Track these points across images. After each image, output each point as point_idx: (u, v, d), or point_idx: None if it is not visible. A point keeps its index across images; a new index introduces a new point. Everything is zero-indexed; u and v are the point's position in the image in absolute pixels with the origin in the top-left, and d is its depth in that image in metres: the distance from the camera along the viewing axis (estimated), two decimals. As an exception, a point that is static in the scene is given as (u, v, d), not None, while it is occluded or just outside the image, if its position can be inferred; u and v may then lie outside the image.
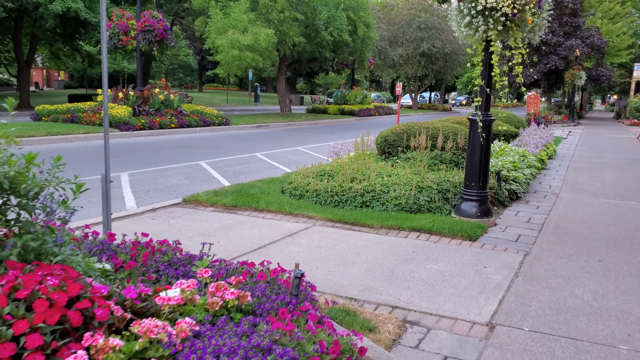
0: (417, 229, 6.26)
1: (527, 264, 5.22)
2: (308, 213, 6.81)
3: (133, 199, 8.04)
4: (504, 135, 11.93)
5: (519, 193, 8.63)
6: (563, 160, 13.87)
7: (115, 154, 12.82)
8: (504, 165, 8.81)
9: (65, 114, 17.35)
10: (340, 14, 27.29)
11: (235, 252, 5.29)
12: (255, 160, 12.80)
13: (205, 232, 5.99)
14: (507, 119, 14.90)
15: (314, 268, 4.88)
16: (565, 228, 6.78)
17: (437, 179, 7.67)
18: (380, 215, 6.72)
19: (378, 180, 7.51)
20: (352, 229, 6.38)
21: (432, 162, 8.58)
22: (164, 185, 9.22)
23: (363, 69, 34.43)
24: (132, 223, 6.33)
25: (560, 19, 34.56)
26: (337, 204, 7.18)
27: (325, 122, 27.75)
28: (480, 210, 6.71)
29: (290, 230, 6.18)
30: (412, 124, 9.55)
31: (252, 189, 8.02)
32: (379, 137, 9.64)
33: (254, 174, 10.75)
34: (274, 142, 17.37)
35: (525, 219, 7.26)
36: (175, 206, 7.30)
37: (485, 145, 6.61)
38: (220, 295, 2.76)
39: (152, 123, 17.23)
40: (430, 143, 8.97)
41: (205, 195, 7.57)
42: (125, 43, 18.38)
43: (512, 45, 5.92)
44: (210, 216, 6.78)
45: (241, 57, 21.70)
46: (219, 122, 20.43)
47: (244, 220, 6.60)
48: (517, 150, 10.63)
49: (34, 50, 30.61)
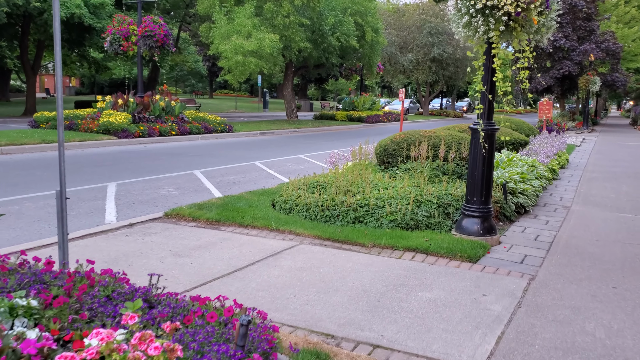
0: (413, 249, 5.72)
1: (532, 291, 4.66)
2: (296, 229, 6.30)
3: (114, 213, 7.57)
4: (512, 144, 11.35)
5: (527, 206, 8.05)
6: (576, 169, 13.24)
7: (108, 162, 12.41)
8: (511, 176, 8.25)
9: (64, 121, 16.97)
10: (348, 19, 26.82)
11: (206, 276, 4.79)
12: (253, 169, 12.33)
13: (179, 252, 5.50)
14: (517, 126, 14.31)
15: (291, 296, 4.36)
16: (576, 247, 6.21)
17: (438, 192, 7.13)
18: (373, 232, 6.19)
19: (373, 193, 6.98)
20: (342, 247, 5.86)
21: (433, 173, 8.03)
22: (152, 197, 8.75)
23: (372, 74, 33.91)
24: (103, 241, 5.86)
25: (573, 23, 33.84)
26: (329, 219, 6.66)
27: (332, 128, 27.25)
28: (483, 227, 6.15)
29: (274, 250, 5.67)
30: (413, 132, 9.02)
31: (240, 202, 7.52)
32: (378, 146, 9.12)
33: (248, 184, 10.28)
34: (276, 149, 16.90)
35: (532, 236, 6.69)
36: (155, 221, 6.82)
37: (488, 157, 6.07)
38: (144, 349, 2.26)
39: (151, 130, 16.83)
40: (432, 153, 8.43)
41: (189, 209, 7.09)
42: (126, 49, 18.03)
43: (516, 47, 5.38)
44: (190, 232, 6.29)
45: (245, 63, 21.28)
46: (222, 129, 20.00)
47: (225, 238, 6.10)
48: (526, 160, 10.05)
49: (40, 57, 30.44)
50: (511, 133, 11.57)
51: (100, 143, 14.89)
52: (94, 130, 16.07)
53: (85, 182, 9.76)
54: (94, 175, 10.59)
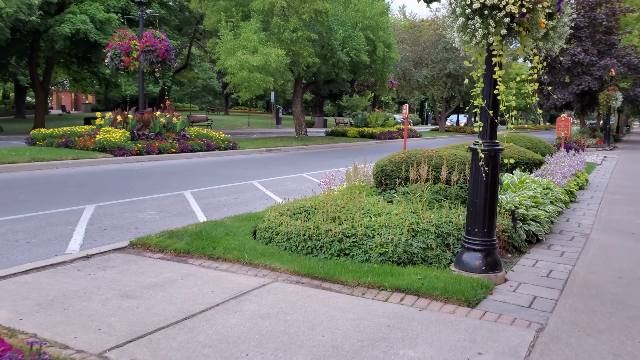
0: (402, 289, 4.91)
1: (540, 349, 3.83)
2: (271, 263, 5.53)
3: (80, 240, 6.88)
4: (525, 164, 10.48)
5: (540, 235, 7.19)
6: (596, 190, 12.29)
7: (96, 182, 11.79)
8: (522, 201, 7.40)
9: (60, 139, 16.49)
10: (358, 33, 26.17)
11: (148, 325, 4.03)
12: (249, 189, 11.61)
13: (129, 292, 4.75)
14: (532, 144, 13.43)
15: (243, 355, 3.58)
16: (595, 286, 5.34)
17: (437, 219, 6.32)
18: (359, 267, 5.39)
19: (364, 220, 6.20)
20: (322, 286, 5.07)
21: (434, 197, 7.22)
22: (128, 222, 8.06)
23: (384, 90, 33.19)
24: (49, 277, 5.14)
25: (593, 37, 32.85)
26: (311, 251, 5.88)
27: (342, 145, 26.50)
28: (486, 263, 5.32)
29: (241, 289, 4.90)
30: (414, 151, 8.23)
31: (217, 230, 6.78)
32: (376, 166, 8.34)
33: (239, 207, 9.56)
34: (279, 167, 16.20)
35: (544, 271, 5.84)
36: (117, 252, 6.10)
37: (491, 182, 5.26)
38: None
39: (150, 148, 16.24)
40: (434, 175, 7.63)
41: (157, 238, 6.36)
42: (127, 64, 17.54)
43: (521, 55, 4.60)
44: (152, 266, 5.55)
45: (250, 79, 20.70)
46: (225, 147, 19.37)
47: (189, 273, 5.35)
48: (540, 181, 9.19)
49: (49, 73, 30.30)
50: (524, 152, 10.71)
51: (94, 161, 14.32)
52: (90, 148, 15.53)
53: (63, 204, 9.11)
54: (75, 196, 9.95)
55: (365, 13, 27.03)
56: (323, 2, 22.46)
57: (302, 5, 21.97)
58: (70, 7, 23.70)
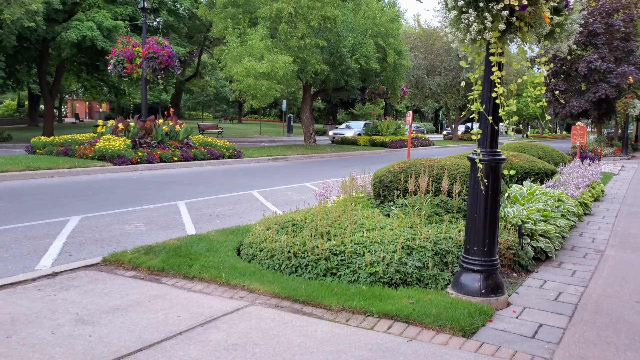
0: (391, 315, 4.40)
1: (542, 392, 3.29)
2: (250, 284, 5.04)
3: (55, 255, 6.45)
4: (536, 174, 9.90)
5: (550, 252, 6.63)
6: (612, 202, 11.66)
7: (89, 192, 11.41)
8: (530, 215, 6.84)
9: (60, 147, 16.20)
10: (368, 40, 25.70)
11: (95, 358, 3.55)
12: (247, 200, 11.15)
13: (86, 317, 4.29)
14: (544, 153, 12.83)
15: (193, 397, 3.10)
16: (608, 312, 4.78)
17: (436, 235, 5.81)
18: (346, 289, 4.89)
19: (356, 236, 5.69)
20: (302, 311, 4.58)
21: (434, 210, 6.69)
22: (112, 234, 7.63)
23: (396, 98, 32.64)
24: (3, 298, 4.70)
25: (610, 43, 32.07)
26: (295, 270, 5.39)
27: (351, 154, 25.99)
28: (486, 285, 4.79)
29: (211, 314, 4.42)
30: (415, 160, 7.72)
31: (198, 245, 6.31)
32: (375, 176, 7.84)
33: (233, 218, 9.11)
34: (282, 176, 15.74)
35: (552, 294, 5.29)
36: (88, 269, 5.66)
37: (492, 195, 4.74)
38: None
39: (151, 156, 15.87)
40: (435, 186, 7.11)
41: (132, 254, 5.91)
42: (129, 71, 17.24)
43: (523, 54, 4.09)
44: (120, 286, 5.09)
45: (257, 86, 20.31)
46: (230, 155, 18.96)
47: (158, 295, 4.88)
48: (552, 193, 8.62)
49: (59, 81, 30.21)
50: (535, 162, 10.13)
51: (92, 170, 13.97)
52: (89, 156, 15.19)
53: (47, 215, 8.72)
54: (63, 207, 9.56)
55: (375, 20, 26.57)
56: (331, 8, 22.07)
57: (309, 11, 21.59)
58: (77, 15, 23.56)
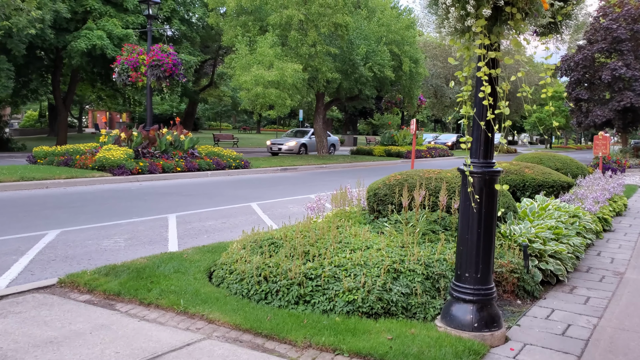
0: (363, 354, 3.77)
1: None
2: (210, 313, 4.44)
3: (15, 274, 5.93)
4: (551, 187, 9.14)
5: (561, 275, 5.91)
6: (636, 217, 10.82)
7: (78, 204, 10.95)
8: (539, 233, 6.14)
9: (61, 157, 15.85)
10: (382, 48, 25.07)
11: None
12: (244, 212, 10.58)
13: (10, 352, 3.73)
14: (562, 164, 12.03)
15: None
16: (626, 350, 4.08)
17: (428, 256, 5.15)
18: (317, 321, 4.25)
19: (337, 257, 5.06)
20: (263, 347, 3.96)
21: (429, 228, 6.02)
22: (86, 251, 7.10)
23: (412, 107, 31.92)
24: None
25: (635, 50, 31.03)
26: (265, 297, 4.76)
27: (365, 164, 25.31)
28: (479, 318, 4.12)
29: (155, 350, 3.82)
30: (413, 172, 7.06)
31: (167, 265, 5.73)
32: (369, 189, 7.19)
33: (222, 233, 8.54)
34: (288, 187, 15.15)
35: (560, 326, 4.59)
36: (40, 291, 5.11)
37: (486, 214, 4.08)
38: None
39: (153, 166, 15.43)
40: (432, 200, 6.44)
41: (90, 275, 5.35)
42: (134, 79, 16.88)
43: (516, 47, 3.44)
44: (66, 314, 4.53)
45: (265, 95, 19.82)
46: (236, 165, 18.45)
47: (105, 324, 4.30)
48: (567, 208, 7.87)
49: (72, 91, 30.16)
50: (550, 173, 9.37)
51: (89, 181, 13.54)
52: (89, 166, 14.80)
53: (25, 229, 8.24)
54: (45, 219, 9.09)
55: (390, 27, 25.96)
56: (343, 15, 21.52)
57: (320, 18, 21.07)
58: (88, 23, 23.40)
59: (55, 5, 21.13)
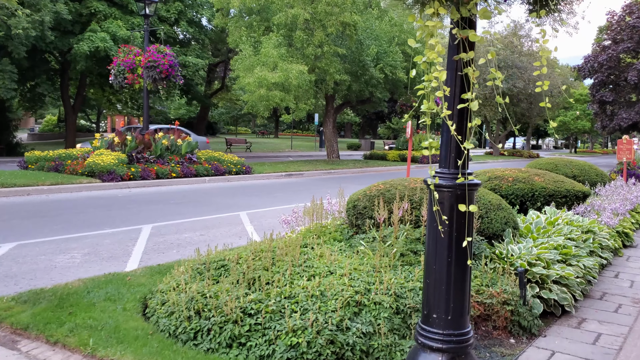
0: (293, 423, 2.89)
1: None
2: (121, 358, 3.61)
3: None
4: (563, 197, 8.14)
5: (567, 305, 4.96)
6: (661, 230, 9.74)
7: (53, 213, 10.25)
8: (542, 254, 5.19)
9: (52, 162, 15.25)
10: (394, 49, 24.14)
11: None
12: (229, 223, 9.78)
13: None
14: (579, 171, 10.97)
15: None
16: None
17: (401, 284, 4.27)
18: (247, 371, 3.40)
19: (288, 287, 4.21)
20: (172, 406, 3.10)
21: (409, 248, 5.13)
22: (33, 268, 6.34)
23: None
24: None
25: (662, 50, 29.55)
26: (194, 336, 3.92)
27: (375, 170, 24.36)
28: (450, 372, 3.22)
29: (29, 412, 3.00)
30: (398, 181, 6.18)
31: (100, 290, 4.93)
32: (349, 201, 6.33)
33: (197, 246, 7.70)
34: (288, 195, 14.31)
35: (559, 379, 3.66)
36: (-61, 323, 4.34)
37: (458, 238, 3.18)
38: None
39: (146, 172, 14.72)
40: (416, 214, 5.55)
41: (6, 303, 4.58)
42: (130, 81, 16.23)
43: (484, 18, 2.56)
44: (-50, 355, 3.75)
45: (269, 97, 19.04)
46: (237, 171, 17.67)
47: (-11, 371, 3.50)
48: (580, 222, 6.90)
49: (81, 95, 29.77)
50: (563, 182, 8.35)
51: (75, 187, 12.87)
52: (79, 172, 14.15)
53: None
54: (7, 231, 8.39)
55: (402, 27, 25.02)
56: (351, 14, 20.66)
57: (327, 17, 20.22)
58: (91, 25, 22.92)
59: (56, 6, 20.64)
